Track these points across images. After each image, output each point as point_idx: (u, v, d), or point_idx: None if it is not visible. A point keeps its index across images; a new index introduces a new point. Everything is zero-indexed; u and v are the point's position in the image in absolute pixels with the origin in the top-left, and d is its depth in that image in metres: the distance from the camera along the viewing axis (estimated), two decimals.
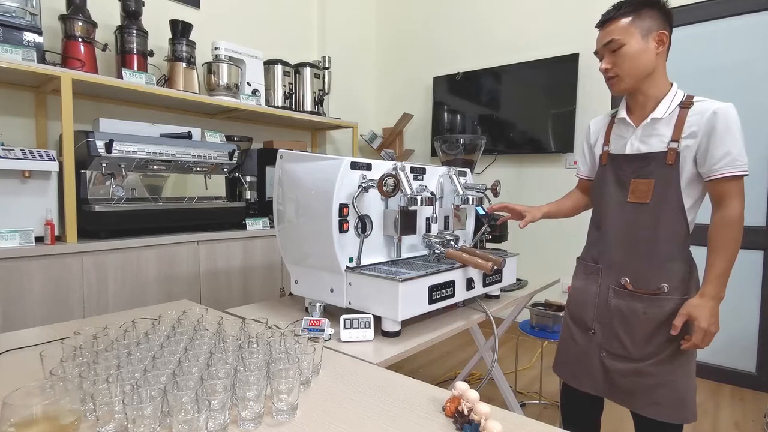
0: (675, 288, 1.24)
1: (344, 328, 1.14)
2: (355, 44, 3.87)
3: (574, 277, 1.49)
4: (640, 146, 1.28)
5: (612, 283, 1.33)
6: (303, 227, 1.30)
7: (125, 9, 2.26)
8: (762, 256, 2.46)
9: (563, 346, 1.48)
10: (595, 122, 1.47)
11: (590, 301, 1.38)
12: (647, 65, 1.24)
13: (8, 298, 1.63)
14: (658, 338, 1.25)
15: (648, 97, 1.27)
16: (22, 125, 2.14)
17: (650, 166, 1.25)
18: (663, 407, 1.24)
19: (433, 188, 1.50)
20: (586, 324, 1.38)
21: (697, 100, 1.22)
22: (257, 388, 0.72)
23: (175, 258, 2.10)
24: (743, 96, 2.47)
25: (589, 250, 1.43)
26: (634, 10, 1.22)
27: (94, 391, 0.69)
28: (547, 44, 3.11)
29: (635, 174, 1.28)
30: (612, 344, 1.32)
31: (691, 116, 1.20)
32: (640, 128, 1.28)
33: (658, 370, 1.25)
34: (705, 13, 2.57)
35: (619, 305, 1.31)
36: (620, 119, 1.34)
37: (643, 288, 1.27)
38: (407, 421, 0.76)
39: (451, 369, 2.74)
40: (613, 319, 1.32)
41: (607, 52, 1.26)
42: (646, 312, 1.26)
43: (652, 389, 1.25)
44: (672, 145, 1.21)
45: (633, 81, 1.25)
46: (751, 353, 2.52)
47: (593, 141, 1.46)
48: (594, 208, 1.44)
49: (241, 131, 2.93)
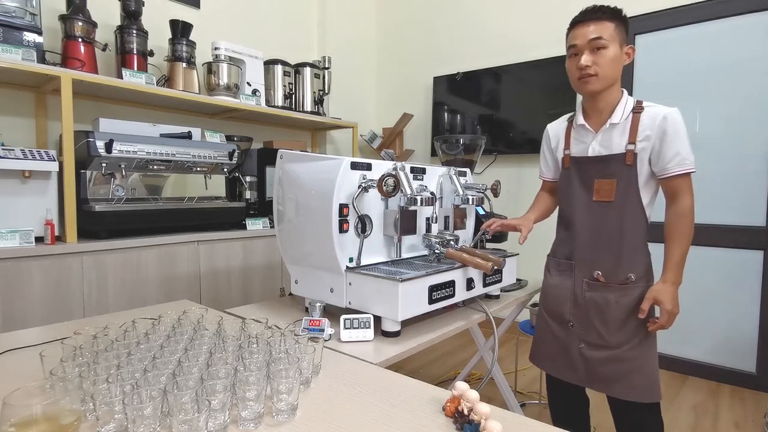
0: (640, 277, 1.34)
1: (344, 328, 1.14)
2: (355, 44, 3.87)
3: (546, 273, 1.56)
4: (600, 149, 1.37)
5: (585, 277, 1.41)
6: (303, 227, 1.30)
7: (125, 9, 2.26)
8: (762, 256, 2.46)
9: (542, 340, 1.55)
10: (553, 127, 1.55)
11: (566, 295, 1.45)
12: (618, 73, 1.33)
13: (8, 298, 1.63)
14: (629, 324, 1.34)
15: (607, 103, 1.35)
16: (22, 125, 2.14)
17: (611, 167, 1.34)
18: (638, 389, 1.33)
19: (433, 188, 1.50)
20: (564, 318, 1.45)
21: (646, 105, 1.32)
22: (257, 388, 0.72)
23: (175, 258, 2.10)
24: (743, 96, 2.47)
25: (560, 248, 1.51)
26: (615, 18, 1.30)
27: (94, 391, 0.69)
28: (547, 44, 3.11)
29: (599, 175, 1.37)
30: (589, 335, 1.39)
31: (644, 121, 1.30)
32: (600, 133, 1.37)
33: (633, 355, 1.33)
34: (705, 13, 2.57)
35: (593, 297, 1.38)
36: (579, 125, 1.43)
37: (614, 279, 1.36)
38: (407, 421, 0.76)
39: (451, 369, 2.73)
40: (588, 311, 1.39)
41: (590, 49, 1.30)
42: (618, 301, 1.34)
43: (629, 374, 1.33)
44: (629, 147, 1.31)
45: (606, 84, 1.32)
46: (751, 353, 2.52)
47: (553, 145, 1.53)
48: (561, 208, 1.52)
49: (241, 131, 2.93)
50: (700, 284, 2.62)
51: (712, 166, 2.55)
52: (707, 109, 2.58)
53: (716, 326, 2.61)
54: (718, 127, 2.54)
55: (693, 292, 2.63)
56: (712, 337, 2.63)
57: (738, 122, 2.50)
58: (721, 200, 2.56)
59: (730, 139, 2.52)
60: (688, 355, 2.70)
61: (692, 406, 2.32)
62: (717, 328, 2.61)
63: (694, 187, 1.31)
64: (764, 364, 2.48)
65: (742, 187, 2.50)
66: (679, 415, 2.22)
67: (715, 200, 2.57)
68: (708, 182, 2.55)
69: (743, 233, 2.50)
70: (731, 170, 2.53)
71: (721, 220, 2.57)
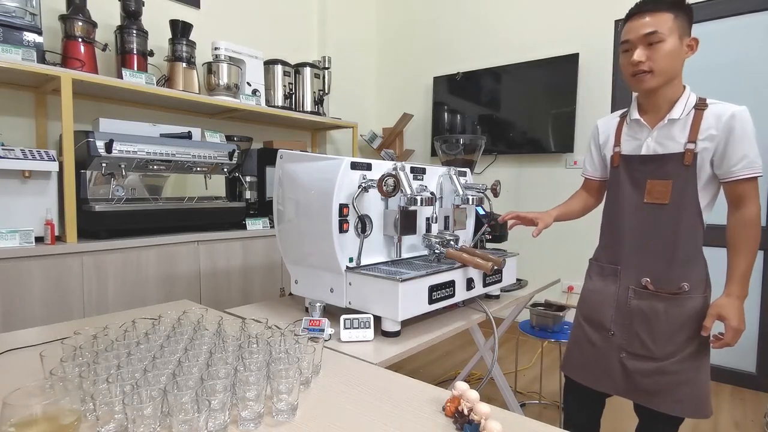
0: (695, 287, 1.25)
1: (344, 328, 1.14)
2: (355, 44, 3.87)
3: (587, 278, 1.47)
4: (656, 147, 1.27)
5: (632, 283, 1.32)
6: (303, 227, 1.30)
7: (125, 9, 2.25)
8: (762, 256, 2.46)
9: (576, 348, 1.46)
10: (604, 122, 1.45)
11: (608, 302, 1.36)
12: (678, 67, 1.22)
13: (8, 298, 1.63)
14: (679, 337, 1.25)
15: (665, 99, 1.26)
16: (22, 125, 2.13)
17: (667, 166, 1.25)
18: (685, 404, 1.25)
19: (433, 188, 1.50)
20: (604, 325, 1.37)
21: (710, 102, 1.22)
22: (257, 388, 0.72)
23: (175, 258, 2.10)
24: (743, 96, 2.47)
25: (605, 251, 1.42)
26: (675, 8, 1.18)
27: (94, 391, 0.69)
28: (547, 44, 3.11)
29: (651, 175, 1.28)
30: (633, 344, 1.31)
31: (708, 118, 1.20)
32: (656, 129, 1.27)
33: (681, 368, 1.25)
34: (705, 13, 2.57)
35: (640, 305, 1.30)
36: (634, 120, 1.33)
37: (664, 288, 1.27)
38: (407, 421, 0.76)
39: (451, 369, 2.74)
40: (633, 320, 1.31)
41: (644, 44, 1.19)
42: (668, 311, 1.26)
43: (675, 387, 1.26)
44: (689, 146, 1.21)
45: (663, 80, 1.21)
46: (751, 353, 2.52)
47: (602, 141, 1.43)
48: (607, 209, 1.42)
49: (241, 131, 2.93)
50: None
51: None
52: None
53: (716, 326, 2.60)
54: None
55: None
56: None
57: None
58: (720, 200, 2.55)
59: None
60: None
61: None
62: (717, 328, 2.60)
63: None
64: (764, 364, 2.48)
65: None
66: None
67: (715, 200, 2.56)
68: None
69: None
70: None
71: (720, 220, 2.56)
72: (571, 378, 1.48)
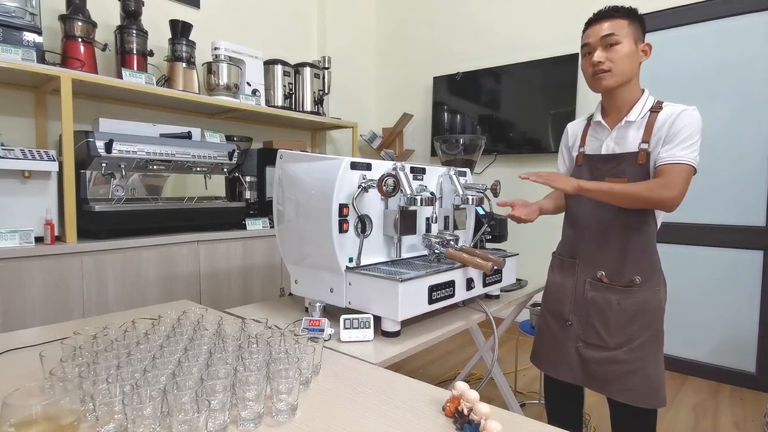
0: (646, 280, 1.31)
1: (344, 328, 1.14)
2: (355, 44, 3.87)
3: (550, 271, 1.55)
4: (614, 147, 1.36)
5: (588, 276, 1.39)
6: (303, 227, 1.30)
7: (125, 9, 2.25)
8: (762, 256, 2.46)
9: (540, 338, 1.55)
10: (573, 125, 1.54)
11: (567, 294, 1.44)
12: (633, 69, 1.31)
13: (8, 298, 1.63)
14: (631, 327, 1.32)
15: (624, 101, 1.34)
16: (22, 125, 2.13)
17: (623, 165, 1.33)
18: (636, 393, 1.30)
19: (433, 188, 1.50)
20: (563, 316, 1.44)
21: (666, 104, 1.30)
22: (257, 389, 0.72)
23: (175, 258, 2.10)
24: (743, 96, 2.47)
25: (565, 246, 1.50)
26: (629, 16, 1.30)
27: (94, 391, 0.69)
28: (547, 44, 3.11)
29: (610, 173, 1.35)
30: (588, 334, 1.38)
31: (660, 119, 1.28)
32: (615, 130, 1.36)
33: (632, 357, 1.31)
34: (705, 13, 2.57)
35: (594, 297, 1.37)
36: (596, 122, 1.42)
37: (618, 280, 1.34)
38: (407, 421, 0.76)
39: (451, 369, 2.73)
40: (589, 311, 1.38)
41: (603, 46, 1.29)
42: (620, 303, 1.32)
43: (625, 376, 1.32)
44: (642, 146, 1.30)
45: (621, 79, 1.30)
46: (751, 353, 2.52)
47: (571, 143, 1.52)
48: (569, 205, 1.50)
49: (241, 131, 2.93)
50: (700, 284, 2.62)
51: (712, 166, 2.55)
52: (707, 109, 2.56)
53: (716, 326, 2.61)
54: (718, 127, 2.53)
55: (693, 293, 2.63)
56: (712, 337, 2.62)
57: (738, 122, 2.50)
58: (720, 200, 2.56)
59: (730, 139, 2.52)
60: (688, 355, 2.70)
61: (692, 406, 2.32)
62: (717, 328, 2.61)
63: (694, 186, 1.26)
64: (764, 364, 2.48)
65: (742, 187, 2.50)
66: (679, 415, 2.22)
67: (715, 200, 2.57)
68: (708, 182, 2.55)
69: (743, 233, 2.50)
70: (731, 170, 2.53)
71: (720, 220, 2.57)
72: (538, 368, 1.56)
